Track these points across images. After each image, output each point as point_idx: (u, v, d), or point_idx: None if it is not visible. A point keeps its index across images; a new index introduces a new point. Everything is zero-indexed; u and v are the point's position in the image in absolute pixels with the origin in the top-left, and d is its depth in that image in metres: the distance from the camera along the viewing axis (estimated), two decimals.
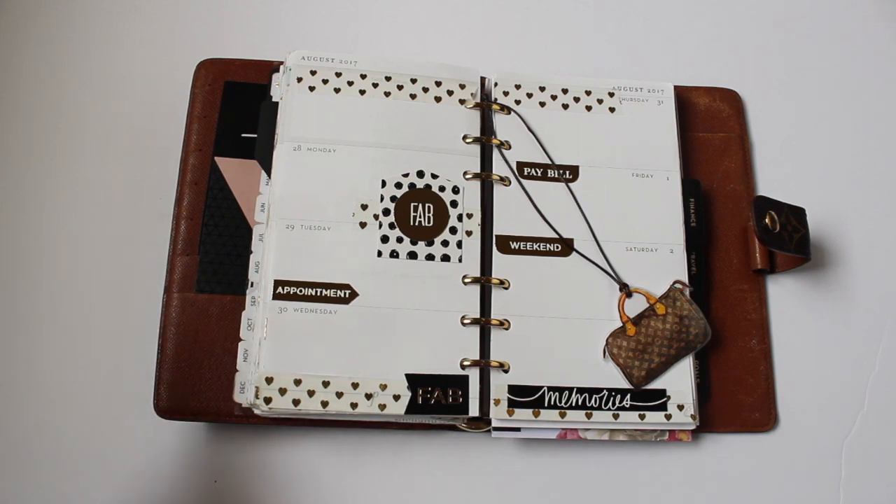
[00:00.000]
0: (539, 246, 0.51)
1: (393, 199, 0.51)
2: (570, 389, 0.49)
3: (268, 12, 0.60)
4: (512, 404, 0.48)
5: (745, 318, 0.54)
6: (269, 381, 0.46)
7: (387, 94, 0.53)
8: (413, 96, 0.53)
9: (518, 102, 0.54)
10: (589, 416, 0.48)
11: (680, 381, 0.50)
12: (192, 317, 0.49)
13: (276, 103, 0.53)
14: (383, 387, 0.47)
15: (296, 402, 0.46)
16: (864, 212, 0.58)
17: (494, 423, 0.48)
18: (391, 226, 0.50)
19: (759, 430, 0.52)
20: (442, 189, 0.51)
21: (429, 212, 0.51)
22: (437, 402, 0.47)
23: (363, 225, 0.50)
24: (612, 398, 0.49)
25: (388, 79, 0.53)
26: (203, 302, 0.49)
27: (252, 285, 0.50)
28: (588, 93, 0.55)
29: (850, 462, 0.52)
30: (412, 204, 0.51)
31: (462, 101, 0.54)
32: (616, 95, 0.55)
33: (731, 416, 0.51)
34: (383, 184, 0.51)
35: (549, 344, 0.49)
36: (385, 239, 0.50)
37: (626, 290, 0.51)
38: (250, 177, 0.52)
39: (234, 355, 0.48)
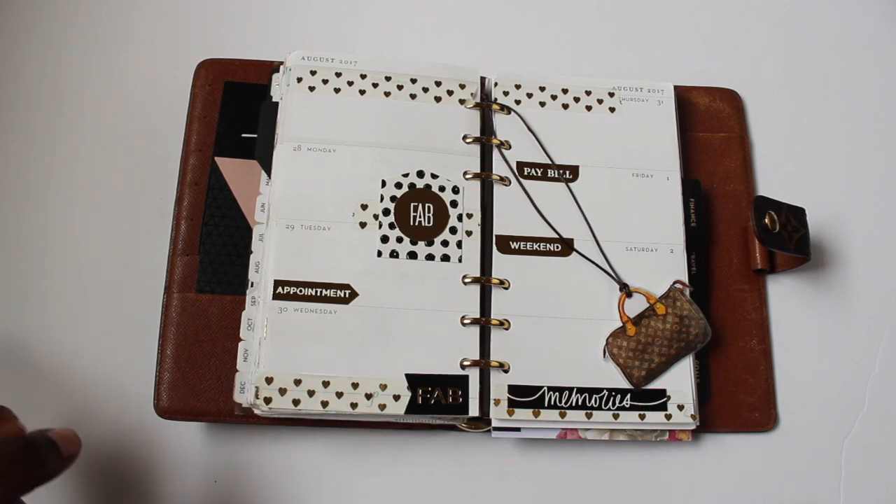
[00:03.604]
0: (539, 246, 0.51)
1: (393, 199, 0.51)
2: (570, 389, 0.49)
3: (268, 12, 0.60)
4: (512, 404, 0.48)
5: (745, 318, 0.54)
6: (269, 381, 0.46)
7: (387, 94, 0.53)
8: (413, 96, 0.53)
9: (518, 102, 0.54)
10: (589, 416, 0.48)
11: (680, 381, 0.50)
12: (192, 317, 0.49)
13: (276, 103, 0.53)
14: (383, 387, 0.47)
15: (296, 402, 0.46)
16: (864, 212, 0.58)
17: (494, 423, 0.48)
18: (391, 226, 0.50)
19: (759, 430, 0.52)
20: (442, 189, 0.51)
21: (429, 212, 0.51)
22: (437, 402, 0.47)
23: (363, 225, 0.50)
24: (612, 398, 0.49)
25: (388, 79, 0.53)
26: (203, 302, 0.49)
27: (252, 285, 0.50)
28: (588, 93, 0.55)
29: (850, 462, 0.52)
30: (412, 204, 0.51)
31: (462, 101, 0.54)
32: (616, 95, 0.55)
33: (731, 416, 0.51)
34: (383, 184, 0.51)
35: (549, 344, 0.49)
36: (385, 239, 0.50)
37: (626, 290, 0.51)
38: (250, 177, 0.52)
39: (234, 355, 0.48)
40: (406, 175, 0.51)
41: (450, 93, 0.54)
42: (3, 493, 0.36)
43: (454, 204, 0.51)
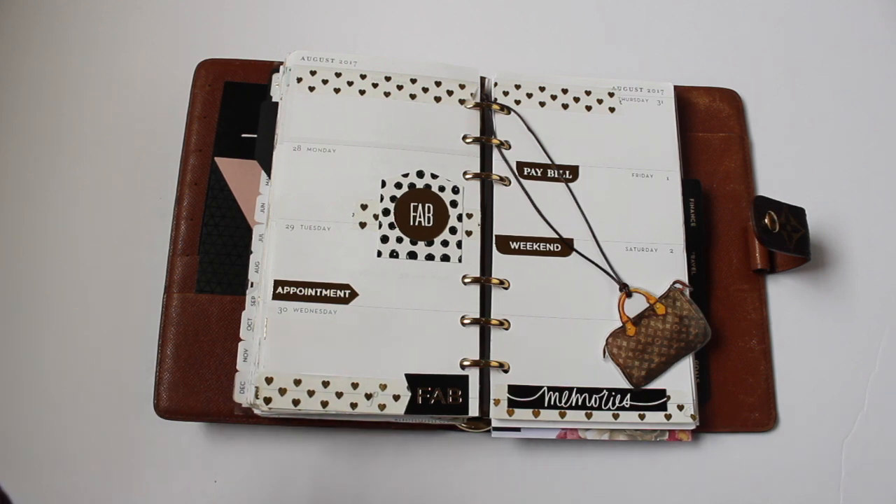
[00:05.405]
0: (539, 246, 0.51)
1: (393, 199, 0.51)
2: (570, 389, 0.49)
3: (268, 12, 0.60)
4: (512, 404, 0.48)
5: (745, 318, 0.54)
6: (269, 381, 0.46)
7: (387, 94, 0.53)
8: (413, 96, 0.53)
9: (518, 102, 0.54)
10: (589, 416, 0.48)
11: (680, 381, 0.50)
12: (192, 317, 0.49)
13: (276, 103, 0.53)
14: (383, 387, 0.47)
15: (296, 402, 0.46)
16: (864, 212, 0.58)
17: (494, 423, 0.48)
18: (391, 226, 0.50)
19: (759, 430, 0.52)
20: (442, 189, 0.51)
21: (429, 212, 0.51)
22: (437, 402, 0.47)
23: (363, 225, 0.50)
24: (612, 398, 0.49)
25: (387, 79, 0.53)
26: (203, 302, 0.49)
27: (252, 285, 0.50)
28: (588, 93, 0.55)
29: (850, 462, 0.52)
30: (412, 204, 0.51)
31: (462, 101, 0.54)
32: (616, 95, 0.55)
33: (731, 416, 0.51)
34: (383, 184, 0.51)
35: (549, 344, 0.49)
36: (385, 239, 0.50)
37: (626, 290, 0.51)
38: (250, 177, 0.52)
39: (234, 355, 0.48)
40: (406, 175, 0.51)
41: (450, 93, 0.54)
42: None
43: (454, 204, 0.51)
